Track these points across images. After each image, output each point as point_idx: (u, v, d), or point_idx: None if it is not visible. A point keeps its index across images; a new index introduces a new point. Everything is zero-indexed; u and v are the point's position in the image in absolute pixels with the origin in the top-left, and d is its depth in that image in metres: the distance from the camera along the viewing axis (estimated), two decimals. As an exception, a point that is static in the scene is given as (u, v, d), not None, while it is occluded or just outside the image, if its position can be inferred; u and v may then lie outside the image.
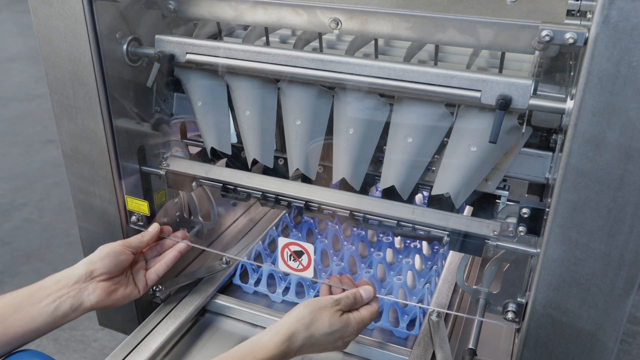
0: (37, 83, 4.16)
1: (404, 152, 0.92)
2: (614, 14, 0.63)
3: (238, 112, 1.03)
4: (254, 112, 1.01)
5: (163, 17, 1.06)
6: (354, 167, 0.97)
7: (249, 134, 1.03)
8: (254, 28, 1.03)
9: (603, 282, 0.76)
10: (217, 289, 1.16)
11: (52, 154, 3.19)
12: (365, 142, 0.96)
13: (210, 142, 1.08)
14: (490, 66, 0.95)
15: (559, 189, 0.73)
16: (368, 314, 0.95)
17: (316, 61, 0.89)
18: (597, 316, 0.79)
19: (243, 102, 1.02)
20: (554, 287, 0.80)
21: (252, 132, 1.03)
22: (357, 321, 0.93)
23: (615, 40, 0.64)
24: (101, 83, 0.97)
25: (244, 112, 1.02)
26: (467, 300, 1.16)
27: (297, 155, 1.01)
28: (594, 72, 0.66)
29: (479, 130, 0.87)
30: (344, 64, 0.88)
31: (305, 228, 1.34)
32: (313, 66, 0.90)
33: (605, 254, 0.75)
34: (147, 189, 1.13)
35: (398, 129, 0.92)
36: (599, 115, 0.68)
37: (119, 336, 1.17)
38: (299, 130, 0.99)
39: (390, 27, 0.86)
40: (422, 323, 1.05)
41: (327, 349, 0.91)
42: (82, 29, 0.93)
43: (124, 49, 1.00)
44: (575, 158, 0.71)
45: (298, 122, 0.98)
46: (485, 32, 0.81)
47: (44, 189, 2.84)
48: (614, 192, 0.71)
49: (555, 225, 0.76)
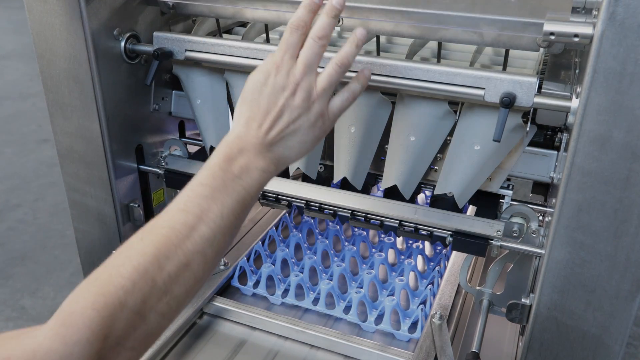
0: (32, 81, 4.17)
1: (407, 150, 0.92)
2: (620, 11, 0.63)
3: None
4: None
5: (161, 14, 1.06)
6: (355, 166, 0.98)
7: None
8: (254, 25, 1.04)
9: (609, 284, 0.77)
10: (215, 290, 1.16)
11: (47, 154, 3.19)
12: (367, 140, 0.96)
13: (210, 140, 1.08)
14: (494, 63, 0.95)
15: (564, 189, 0.73)
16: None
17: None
18: (602, 319, 0.79)
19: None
20: (559, 289, 0.80)
21: None
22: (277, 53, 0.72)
23: (622, 37, 0.64)
24: (97, 81, 0.97)
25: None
26: (471, 302, 1.16)
27: None
28: (599, 69, 0.66)
29: (482, 129, 0.87)
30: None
31: (306, 228, 1.34)
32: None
33: (611, 255, 0.75)
34: (145, 188, 1.13)
35: (400, 127, 0.93)
36: (605, 113, 0.68)
37: (115, 339, 1.17)
38: None
39: (392, 24, 0.86)
40: (424, 326, 1.05)
41: (290, 112, 0.71)
42: (77, 25, 0.93)
43: (121, 46, 1.00)
44: (581, 157, 0.71)
45: None
46: (489, 29, 0.81)
47: (38, 189, 2.85)
48: (620, 193, 0.71)
49: (560, 226, 0.76)
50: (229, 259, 1.22)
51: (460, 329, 1.11)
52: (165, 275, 0.61)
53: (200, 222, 0.65)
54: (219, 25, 1.04)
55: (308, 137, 0.73)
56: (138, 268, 0.60)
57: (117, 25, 0.98)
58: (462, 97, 0.84)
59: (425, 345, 1.01)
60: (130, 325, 0.59)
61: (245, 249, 1.28)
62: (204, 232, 0.65)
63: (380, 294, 1.14)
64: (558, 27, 0.70)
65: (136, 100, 1.06)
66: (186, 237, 0.64)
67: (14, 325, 2.13)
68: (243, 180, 0.69)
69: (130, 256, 0.61)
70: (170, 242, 0.63)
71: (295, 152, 0.73)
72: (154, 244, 0.62)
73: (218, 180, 0.68)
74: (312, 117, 0.72)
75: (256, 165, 0.70)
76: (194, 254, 0.64)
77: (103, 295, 0.58)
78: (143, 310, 0.60)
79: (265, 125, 0.71)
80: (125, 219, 1.11)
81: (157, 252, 0.62)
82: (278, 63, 0.72)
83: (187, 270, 0.63)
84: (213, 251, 0.66)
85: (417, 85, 0.85)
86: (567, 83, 0.85)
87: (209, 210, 0.66)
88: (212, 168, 0.69)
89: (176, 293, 0.63)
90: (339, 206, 1.00)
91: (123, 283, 0.59)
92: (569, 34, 0.69)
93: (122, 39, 1.00)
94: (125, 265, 0.60)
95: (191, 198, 0.67)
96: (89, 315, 0.56)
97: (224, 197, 0.67)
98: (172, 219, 0.65)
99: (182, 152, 1.14)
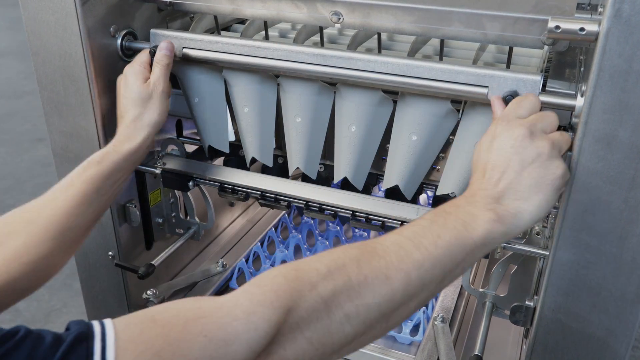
0: (27, 79, 4.17)
1: (408, 150, 0.92)
2: (626, 8, 0.63)
3: (236, 109, 1.03)
4: (253, 109, 1.02)
5: (159, 11, 1.06)
6: (356, 166, 0.98)
7: (247, 131, 1.03)
8: (253, 22, 1.04)
9: (614, 287, 0.77)
10: (213, 293, 1.16)
11: (42, 153, 3.19)
12: (368, 140, 0.96)
13: (208, 140, 1.08)
14: (498, 61, 0.95)
15: (568, 189, 0.73)
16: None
17: (317, 56, 0.89)
18: (608, 322, 0.79)
19: (241, 99, 1.02)
20: (564, 292, 0.80)
21: (250, 129, 1.03)
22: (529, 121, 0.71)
23: (628, 34, 0.64)
24: (93, 79, 0.97)
25: (242, 109, 1.02)
26: (473, 304, 1.16)
27: (298, 153, 1.01)
28: (605, 67, 0.66)
29: (485, 128, 0.87)
30: (346, 59, 0.88)
31: (306, 229, 1.34)
32: (314, 61, 0.90)
33: (617, 257, 0.75)
34: (141, 188, 1.13)
35: (402, 126, 0.93)
36: (611, 112, 0.68)
37: (110, 343, 1.17)
38: (300, 128, 0.99)
39: (394, 21, 0.86)
40: (427, 328, 1.05)
41: (531, 169, 0.68)
42: (73, 22, 0.93)
43: (118, 44, 1.00)
44: (586, 157, 0.71)
45: (298, 119, 0.98)
46: (493, 26, 0.81)
47: (33, 189, 2.85)
48: (625, 193, 0.71)
49: (565, 227, 0.76)
50: (227, 260, 1.22)
51: (462, 332, 1.11)
52: (362, 276, 0.61)
53: (411, 243, 0.64)
54: (217, 23, 1.04)
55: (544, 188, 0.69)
56: (337, 260, 0.62)
57: (113, 22, 0.98)
58: (465, 95, 0.84)
59: (427, 348, 1.01)
60: (315, 311, 0.59)
61: (244, 250, 1.28)
62: (412, 252, 0.64)
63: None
64: (563, 23, 0.70)
65: (133, 99, 1.06)
66: (392, 251, 0.63)
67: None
68: (467, 223, 0.66)
69: (331, 252, 0.64)
70: (374, 251, 0.63)
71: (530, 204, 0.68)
72: (358, 248, 0.64)
73: (440, 217, 0.67)
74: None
75: (483, 216, 0.67)
76: (397, 270, 0.62)
77: (296, 270, 0.61)
78: (331, 301, 0.60)
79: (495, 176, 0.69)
80: (122, 220, 1.11)
81: (360, 254, 0.63)
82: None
83: (386, 283, 0.62)
84: (418, 277, 0.63)
85: (420, 83, 0.85)
86: (572, 81, 0.84)
87: (423, 236, 0.65)
88: (435, 211, 0.69)
89: (368, 300, 0.61)
90: (339, 206, 1.00)
91: (318, 267, 0.61)
92: (574, 31, 0.69)
93: (119, 37, 1.00)
94: (324, 256, 0.63)
95: (407, 227, 0.67)
96: (278, 281, 0.59)
97: (442, 230, 0.66)
98: (381, 238, 0.66)
99: (180, 152, 1.14)
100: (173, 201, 1.20)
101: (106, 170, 0.88)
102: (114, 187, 0.91)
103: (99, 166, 0.88)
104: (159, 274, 1.17)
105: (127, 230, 1.12)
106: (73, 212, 0.84)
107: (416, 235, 0.65)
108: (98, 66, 0.97)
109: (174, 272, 1.26)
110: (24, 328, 0.51)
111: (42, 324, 2.19)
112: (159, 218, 1.18)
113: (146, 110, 0.94)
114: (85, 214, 0.86)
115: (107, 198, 0.90)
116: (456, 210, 0.67)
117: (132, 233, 1.13)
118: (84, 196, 0.85)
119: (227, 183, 1.06)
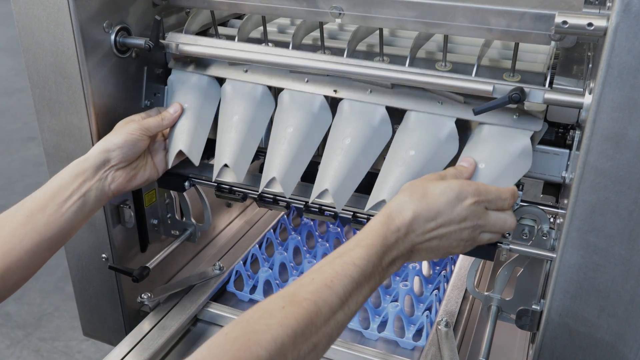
0: (17, 76, 4.17)
1: (404, 164, 0.91)
2: (635, 2, 0.63)
3: (224, 116, 1.03)
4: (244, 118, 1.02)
5: (154, 5, 1.06)
6: (342, 180, 0.93)
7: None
8: (250, 17, 1.04)
9: (623, 290, 0.77)
10: (210, 296, 1.16)
11: (33, 152, 3.19)
12: (360, 158, 0.94)
13: (178, 144, 1.03)
14: (503, 58, 0.95)
15: (576, 189, 0.73)
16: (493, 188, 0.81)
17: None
18: (617, 326, 0.79)
19: (233, 107, 1.02)
20: (571, 295, 0.80)
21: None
22: (482, 189, 0.79)
23: (637, 30, 0.64)
24: (86, 76, 0.97)
25: (231, 117, 1.02)
26: (478, 308, 1.16)
27: (277, 166, 0.97)
28: (614, 64, 0.66)
29: (488, 149, 0.87)
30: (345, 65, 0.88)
31: (305, 230, 1.34)
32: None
33: (626, 259, 0.75)
34: (136, 189, 1.13)
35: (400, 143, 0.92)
36: (619, 110, 0.68)
37: (104, 347, 1.17)
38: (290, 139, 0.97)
39: (396, 16, 0.86)
40: (430, 333, 1.05)
41: (451, 237, 0.78)
42: (65, 18, 0.93)
43: (111, 39, 1.00)
44: (594, 156, 0.71)
45: (290, 129, 0.97)
46: (498, 21, 0.81)
47: (24, 189, 2.85)
48: (635, 193, 0.71)
49: (572, 229, 0.76)
50: (224, 263, 1.22)
51: (467, 337, 1.11)
52: (296, 354, 0.65)
53: (342, 306, 0.69)
54: (213, 18, 1.04)
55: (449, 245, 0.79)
56: (276, 341, 0.63)
57: (107, 18, 0.98)
58: (470, 91, 0.84)
59: (431, 353, 1.01)
60: None
61: (242, 253, 1.28)
62: (340, 318, 0.69)
63: (383, 300, 1.14)
64: (571, 18, 0.70)
65: (127, 96, 1.06)
66: (326, 320, 0.67)
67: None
68: (386, 274, 0.75)
69: (270, 325, 0.64)
70: (312, 322, 0.66)
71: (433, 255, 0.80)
72: (295, 318, 0.65)
73: (370, 267, 0.72)
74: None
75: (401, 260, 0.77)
76: (324, 337, 0.68)
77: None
78: None
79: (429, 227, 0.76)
80: (115, 221, 1.11)
81: (297, 328, 0.65)
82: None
83: (314, 352, 0.67)
84: (336, 335, 0.70)
85: (424, 80, 0.85)
86: (580, 78, 0.85)
87: (351, 296, 0.70)
88: (370, 249, 0.72)
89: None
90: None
91: (260, 353, 0.62)
92: (582, 27, 0.69)
93: (112, 32, 1.00)
94: (265, 334, 0.63)
95: (339, 275, 0.70)
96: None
97: (366, 287, 0.72)
98: (317, 293, 0.68)
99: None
100: (168, 202, 1.20)
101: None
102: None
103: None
104: (154, 277, 1.17)
105: (121, 232, 1.12)
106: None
107: (347, 294, 0.69)
108: (91, 63, 0.97)
109: (170, 275, 1.26)
110: None
111: (34, 329, 2.19)
112: (154, 219, 1.18)
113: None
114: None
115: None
116: (385, 256, 0.74)
117: (126, 235, 1.13)
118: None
119: (224, 183, 1.06)
